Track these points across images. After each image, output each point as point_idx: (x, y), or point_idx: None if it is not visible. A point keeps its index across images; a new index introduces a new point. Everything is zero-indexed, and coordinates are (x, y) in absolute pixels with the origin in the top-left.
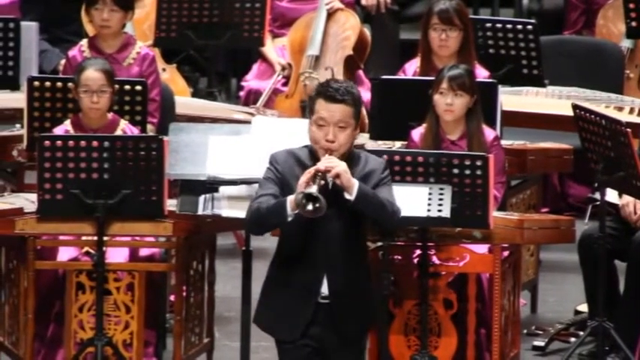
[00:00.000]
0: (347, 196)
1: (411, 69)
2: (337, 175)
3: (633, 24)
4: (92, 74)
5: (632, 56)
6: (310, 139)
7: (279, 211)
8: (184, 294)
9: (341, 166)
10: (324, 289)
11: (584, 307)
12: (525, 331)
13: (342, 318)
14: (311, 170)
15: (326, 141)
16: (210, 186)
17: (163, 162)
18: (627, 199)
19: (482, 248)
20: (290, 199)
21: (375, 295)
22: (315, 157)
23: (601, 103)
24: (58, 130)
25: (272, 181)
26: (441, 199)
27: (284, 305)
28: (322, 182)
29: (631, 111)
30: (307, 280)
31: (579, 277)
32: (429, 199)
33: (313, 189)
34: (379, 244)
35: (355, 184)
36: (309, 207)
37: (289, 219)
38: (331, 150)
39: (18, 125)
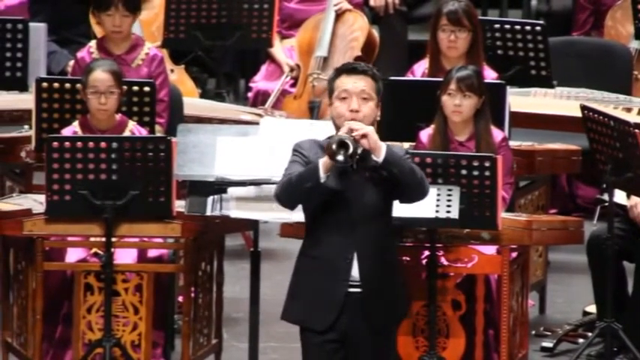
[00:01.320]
0: (375, 157)
1: (420, 70)
2: (365, 136)
3: None
4: (100, 75)
5: None
6: (333, 117)
7: (311, 174)
8: (192, 295)
9: (368, 127)
10: (355, 273)
11: (592, 308)
12: (534, 332)
13: (372, 306)
14: (342, 129)
15: (350, 111)
16: (219, 187)
17: (171, 163)
18: (635, 200)
19: (490, 249)
20: (322, 161)
21: (403, 285)
22: None
23: (609, 104)
24: (67, 131)
25: (298, 163)
26: (449, 200)
27: (314, 292)
28: (352, 145)
29: (639, 112)
30: (337, 263)
31: (587, 278)
32: (438, 200)
33: (345, 136)
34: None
35: (383, 145)
36: (340, 156)
37: (322, 180)
38: (355, 120)
39: (26, 126)
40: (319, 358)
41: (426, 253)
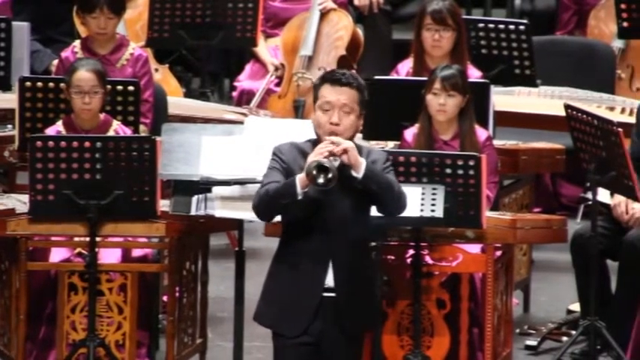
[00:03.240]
0: (354, 173)
1: (404, 69)
2: (345, 151)
3: (625, 24)
4: (84, 75)
5: (623, 56)
6: (314, 126)
7: (288, 189)
8: (177, 294)
9: (348, 143)
10: (329, 280)
11: (576, 307)
12: (518, 330)
13: (346, 312)
14: (320, 146)
15: (330, 124)
16: (203, 186)
17: (156, 162)
18: (619, 198)
19: (475, 248)
20: (299, 177)
21: (378, 292)
22: None
23: (593, 103)
24: (50, 131)
25: (277, 170)
26: (433, 199)
27: (288, 297)
28: (331, 159)
29: (622, 111)
30: (313, 269)
31: (571, 277)
32: (422, 199)
33: (324, 160)
34: (372, 244)
35: (363, 161)
36: (321, 179)
37: (299, 197)
38: (336, 133)
39: (9, 126)
40: (292, 357)
41: (411, 251)
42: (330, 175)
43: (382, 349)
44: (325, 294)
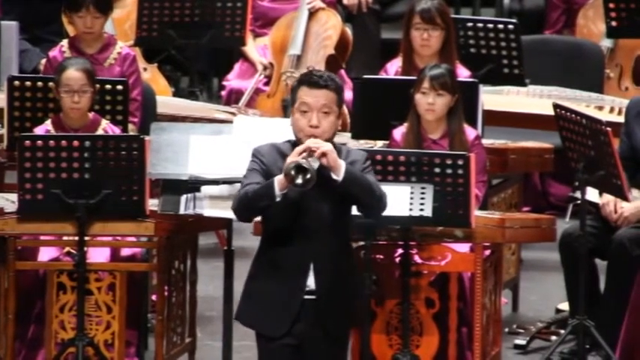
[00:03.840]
0: (334, 176)
1: (393, 68)
2: (324, 154)
3: (613, 23)
4: (73, 74)
5: (612, 56)
6: (293, 128)
7: (267, 191)
8: (166, 294)
9: (327, 145)
10: (311, 282)
11: (565, 306)
12: (507, 329)
13: (327, 313)
14: (299, 148)
15: (310, 127)
16: (192, 185)
17: (145, 162)
18: (608, 197)
19: (463, 247)
20: (278, 179)
21: (360, 292)
22: None
23: (581, 102)
24: (39, 130)
25: (257, 172)
26: (422, 199)
27: (270, 298)
28: (310, 160)
29: (611, 110)
30: (294, 271)
31: (560, 276)
32: (411, 198)
33: (303, 161)
34: (361, 243)
35: (342, 164)
36: (299, 180)
37: (278, 199)
38: (315, 136)
39: None
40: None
41: (400, 251)
42: (308, 176)
43: (371, 348)
44: (307, 297)
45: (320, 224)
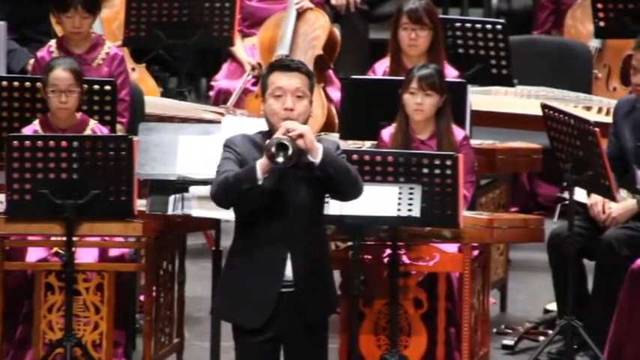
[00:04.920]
0: (311, 158)
1: (381, 69)
2: (301, 136)
3: (601, 24)
4: (60, 74)
5: (600, 56)
6: (267, 115)
7: (249, 175)
8: (154, 294)
9: (304, 127)
10: (288, 272)
11: (553, 306)
12: (495, 329)
13: (305, 303)
14: (278, 132)
15: (285, 110)
16: (180, 186)
17: (133, 162)
18: (596, 198)
19: (452, 247)
20: (260, 162)
21: (333, 280)
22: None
23: (569, 102)
24: (27, 130)
25: (232, 160)
26: (410, 199)
27: (247, 289)
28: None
29: (599, 110)
30: (271, 260)
31: (548, 276)
32: (399, 198)
33: (284, 137)
34: (349, 243)
35: (319, 146)
36: (280, 158)
37: (260, 182)
38: (290, 119)
39: None
40: (254, 358)
41: (388, 251)
42: (289, 152)
43: (359, 348)
44: (284, 289)
45: (297, 213)
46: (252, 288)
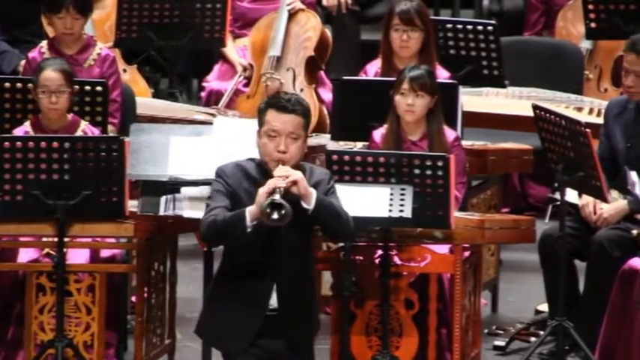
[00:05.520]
0: (305, 205)
1: (372, 70)
2: (295, 183)
3: (592, 25)
4: (50, 74)
5: (591, 57)
6: (260, 151)
7: (237, 222)
8: (146, 295)
9: (298, 174)
10: (273, 301)
11: (544, 307)
12: (486, 330)
13: (290, 327)
14: (270, 183)
15: (278, 152)
16: (172, 187)
17: (124, 163)
18: (587, 199)
19: (443, 248)
20: (249, 210)
21: (316, 302)
22: (263, 170)
23: (561, 103)
24: (18, 132)
25: (222, 193)
26: (402, 200)
27: (231, 317)
28: (282, 192)
29: (590, 111)
30: (256, 292)
31: (540, 277)
32: (391, 199)
33: (277, 197)
34: (340, 244)
35: (313, 192)
36: (275, 215)
37: (248, 230)
38: (283, 161)
39: None
40: None
41: (379, 252)
42: (283, 212)
43: (350, 349)
44: (269, 313)
45: (286, 249)
46: (235, 317)
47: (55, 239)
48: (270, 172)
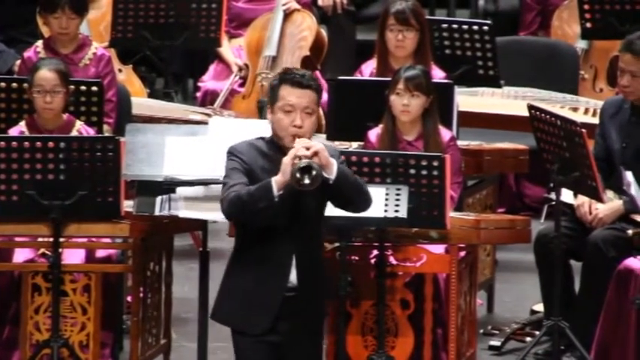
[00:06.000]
0: (326, 175)
1: (368, 70)
2: (316, 153)
3: (588, 25)
4: (45, 74)
5: (586, 57)
6: (274, 127)
7: (265, 194)
8: (141, 295)
9: (319, 145)
10: (292, 278)
11: (540, 307)
12: (482, 330)
13: (307, 309)
14: (293, 152)
15: (294, 127)
16: (167, 187)
17: (120, 163)
18: (582, 199)
19: (439, 248)
20: (275, 180)
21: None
22: (276, 147)
23: (556, 103)
24: (13, 131)
25: (239, 170)
26: (397, 200)
27: (250, 296)
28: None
29: (586, 111)
30: (276, 265)
31: (535, 277)
32: (386, 199)
33: (307, 161)
34: (336, 244)
35: (334, 162)
36: (306, 180)
37: (276, 199)
38: (299, 136)
39: None
40: (254, 358)
41: (375, 252)
42: (315, 173)
43: (346, 349)
44: (288, 293)
45: (305, 219)
46: (255, 294)
47: (51, 239)
48: (284, 147)
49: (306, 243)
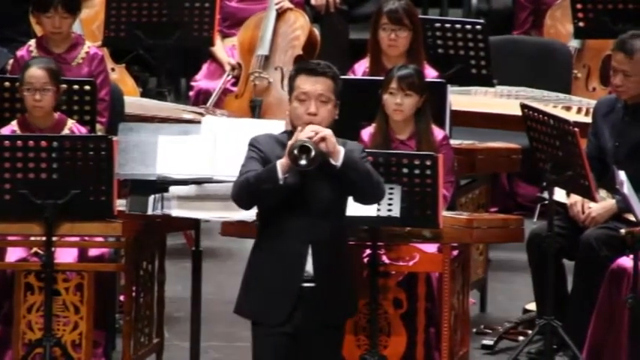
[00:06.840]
0: (333, 161)
1: (361, 69)
2: (323, 139)
3: (581, 24)
4: (35, 72)
5: (579, 56)
6: (291, 117)
7: (270, 175)
8: (134, 294)
9: (327, 131)
10: (309, 268)
11: (532, 306)
12: (474, 329)
13: (325, 301)
14: (297, 134)
15: (308, 114)
16: (160, 186)
17: (112, 162)
18: (575, 198)
19: (431, 247)
20: (280, 162)
21: (354, 282)
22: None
23: (549, 102)
24: (5, 131)
25: (255, 159)
26: (390, 199)
27: (267, 285)
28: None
29: (579, 110)
30: (292, 255)
31: (528, 276)
32: None
33: (306, 140)
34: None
35: (341, 149)
36: (303, 160)
37: (281, 182)
38: (313, 123)
39: None
40: (270, 350)
41: (368, 251)
42: (312, 154)
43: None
44: (305, 284)
45: (318, 209)
46: (272, 285)
47: (44, 238)
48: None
49: (324, 235)
